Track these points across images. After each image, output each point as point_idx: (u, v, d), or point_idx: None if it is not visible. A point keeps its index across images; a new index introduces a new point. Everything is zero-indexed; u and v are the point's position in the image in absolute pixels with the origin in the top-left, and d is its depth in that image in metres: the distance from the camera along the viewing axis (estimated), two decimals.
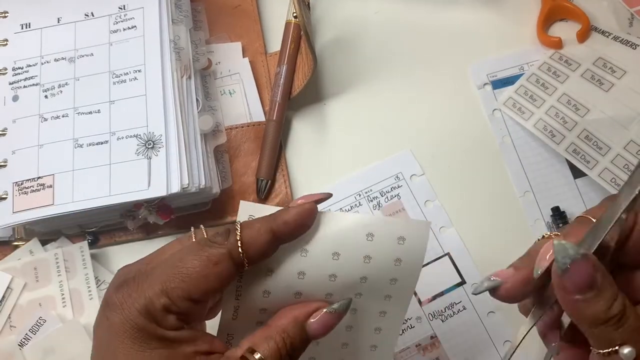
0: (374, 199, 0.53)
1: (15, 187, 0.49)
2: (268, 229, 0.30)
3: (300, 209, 0.31)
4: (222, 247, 0.30)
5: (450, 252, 0.52)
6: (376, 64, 0.59)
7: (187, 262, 0.29)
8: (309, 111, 0.57)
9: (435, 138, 0.55)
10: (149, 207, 0.49)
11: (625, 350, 0.27)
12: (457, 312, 0.50)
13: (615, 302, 0.28)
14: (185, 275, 0.29)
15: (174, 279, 0.29)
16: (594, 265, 0.28)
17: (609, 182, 0.50)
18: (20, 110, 0.51)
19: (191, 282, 0.29)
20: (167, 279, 0.29)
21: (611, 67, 0.53)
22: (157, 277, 0.29)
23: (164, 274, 0.29)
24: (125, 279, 0.30)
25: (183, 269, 0.29)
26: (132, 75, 0.51)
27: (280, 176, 0.54)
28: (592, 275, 0.28)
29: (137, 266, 0.31)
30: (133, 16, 0.53)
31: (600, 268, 0.29)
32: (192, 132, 0.50)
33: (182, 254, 0.30)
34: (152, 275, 0.30)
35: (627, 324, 0.28)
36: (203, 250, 0.30)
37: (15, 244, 0.51)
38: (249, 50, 0.59)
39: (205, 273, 0.29)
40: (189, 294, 0.29)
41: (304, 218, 0.31)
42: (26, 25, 0.54)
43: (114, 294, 0.30)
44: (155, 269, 0.30)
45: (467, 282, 0.51)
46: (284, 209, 0.31)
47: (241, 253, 0.30)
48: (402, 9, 0.61)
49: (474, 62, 0.58)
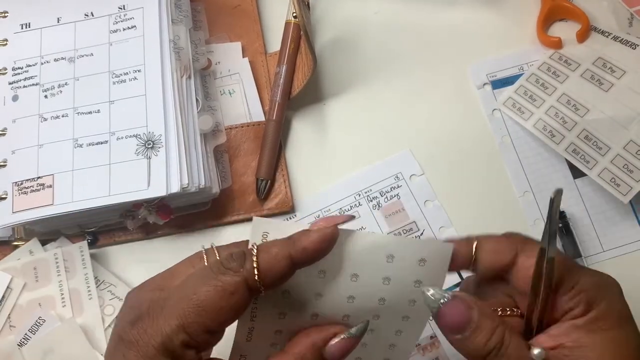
0: (374, 199, 0.53)
1: (15, 187, 0.49)
2: (287, 254, 0.28)
3: (322, 234, 0.29)
4: (237, 275, 0.28)
5: None
6: (376, 64, 0.59)
7: (201, 294, 0.28)
8: (308, 111, 0.57)
9: (435, 138, 0.55)
10: (149, 207, 0.49)
11: None
12: None
13: (493, 336, 0.29)
14: (201, 309, 0.28)
15: (190, 313, 0.28)
16: (467, 304, 0.29)
17: (608, 182, 0.50)
18: (20, 110, 0.51)
19: (207, 316, 0.28)
20: (183, 313, 0.28)
21: (611, 67, 0.54)
22: (173, 311, 0.28)
23: (179, 307, 0.28)
24: (140, 313, 0.29)
25: (198, 302, 0.28)
26: (131, 75, 0.51)
27: (280, 176, 0.54)
28: (465, 315, 0.29)
29: (148, 295, 0.30)
30: (133, 16, 0.53)
31: (476, 305, 0.29)
32: (192, 132, 0.50)
33: (196, 284, 0.28)
34: (167, 309, 0.28)
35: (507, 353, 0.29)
36: (218, 278, 0.28)
37: (15, 244, 0.51)
38: (248, 50, 0.59)
39: (222, 305, 0.28)
40: (206, 327, 0.28)
41: (325, 243, 0.29)
42: (26, 25, 0.54)
43: (129, 330, 0.28)
44: (169, 301, 0.29)
45: None
46: (303, 232, 0.29)
47: (257, 281, 0.28)
48: (402, 9, 0.61)
49: (473, 62, 0.58)
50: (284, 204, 0.53)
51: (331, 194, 0.54)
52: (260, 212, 0.53)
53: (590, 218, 0.52)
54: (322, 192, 0.54)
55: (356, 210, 0.53)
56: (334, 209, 0.53)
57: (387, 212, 0.53)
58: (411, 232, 0.52)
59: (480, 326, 0.29)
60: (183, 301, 0.28)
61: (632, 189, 0.49)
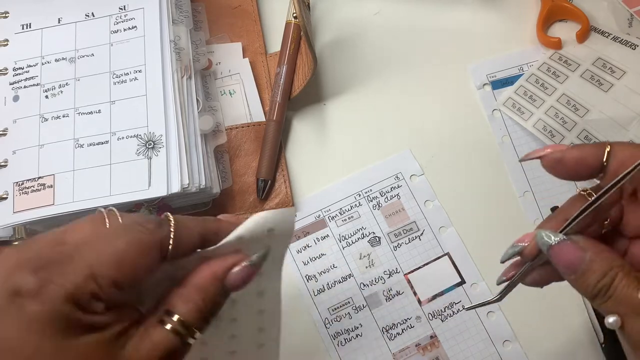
0: (374, 199, 0.53)
1: (15, 187, 0.49)
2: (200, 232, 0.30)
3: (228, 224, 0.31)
4: (154, 235, 0.28)
5: (449, 252, 0.52)
6: (376, 64, 0.59)
7: (118, 247, 0.27)
8: (309, 111, 0.57)
9: (435, 138, 0.56)
10: (149, 207, 0.49)
11: (610, 320, 0.29)
12: (456, 312, 0.50)
13: (604, 278, 0.29)
14: (115, 262, 0.27)
15: (104, 264, 0.26)
16: (577, 247, 0.30)
17: None
18: (20, 111, 0.51)
19: (120, 269, 0.27)
20: (96, 263, 0.26)
21: (611, 68, 0.54)
22: (84, 261, 0.26)
23: (91, 257, 0.27)
24: (42, 263, 0.26)
25: (114, 254, 0.27)
26: (132, 75, 0.51)
27: (280, 176, 0.54)
28: (576, 257, 0.30)
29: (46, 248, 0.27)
30: (133, 16, 0.53)
31: (591, 246, 0.30)
32: (193, 132, 0.50)
33: (111, 238, 0.27)
34: (77, 259, 0.26)
35: (614, 295, 0.29)
36: (135, 235, 0.28)
37: (15, 244, 0.51)
38: (249, 50, 0.59)
39: (136, 261, 0.27)
40: (117, 281, 0.27)
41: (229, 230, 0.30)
42: (27, 25, 0.54)
43: (30, 280, 0.25)
44: (79, 252, 0.27)
45: (466, 281, 0.51)
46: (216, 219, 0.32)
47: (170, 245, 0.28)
48: (402, 10, 0.61)
49: (473, 63, 0.58)
50: (285, 204, 0.53)
51: (331, 194, 0.54)
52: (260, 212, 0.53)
53: None
54: (322, 192, 0.54)
55: (356, 211, 0.53)
56: (334, 209, 0.53)
57: (387, 212, 0.53)
58: (411, 232, 0.52)
59: (592, 268, 0.29)
60: (96, 252, 0.27)
61: None
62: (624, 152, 0.30)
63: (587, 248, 0.30)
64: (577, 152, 0.31)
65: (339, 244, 0.52)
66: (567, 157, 0.31)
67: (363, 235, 0.52)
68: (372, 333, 0.50)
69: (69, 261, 0.26)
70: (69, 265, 0.26)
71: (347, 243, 0.52)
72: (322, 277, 0.51)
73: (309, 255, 0.52)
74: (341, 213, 0.53)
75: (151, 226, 0.28)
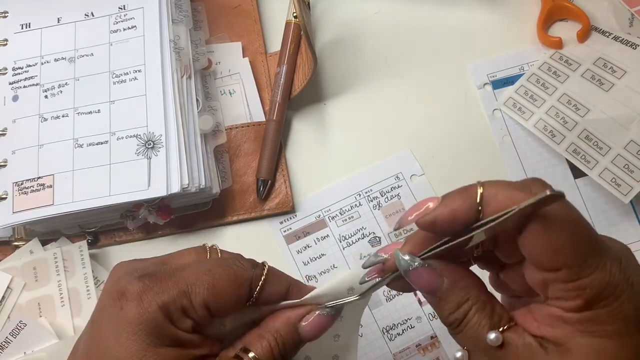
0: (374, 199, 0.53)
1: (15, 187, 0.49)
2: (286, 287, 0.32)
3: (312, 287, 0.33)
4: (248, 272, 0.30)
5: None
6: (376, 64, 0.59)
7: (216, 274, 0.30)
8: (309, 111, 0.57)
9: (436, 138, 0.55)
10: (149, 207, 0.49)
11: (457, 354, 0.29)
12: None
13: (457, 310, 0.28)
14: (211, 285, 0.29)
15: (200, 285, 0.29)
16: (434, 273, 0.29)
17: (609, 182, 0.50)
18: (20, 110, 0.51)
19: (214, 293, 0.29)
20: (193, 282, 0.29)
21: (611, 67, 0.53)
22: (182, 279, 0.29)
23: (190, 277, 0.29)
24: (147, 273, 0.30)
25: (211, 278, 0.29)
26: (132, 75, 0.51)
27: (280, 176, 0.54)
28: (433, 283, 0.29)
29: (151, 265, 0.31)
30: (133, 16, 0.53)
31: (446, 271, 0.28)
32: (192, 132, 0.50)
33: (211, 266, 0.30)
34: (177, 276, 0.30)
35: (464, 331, 0.28)
36: (231, 268, 0.30)
37: (15, 244, 0.51)
38: (249, 50, 0.59)
39: (229, 290, 0.30)
40: (208, 304, 0.29)
41: None
42: (26, 25, 0.54)
43: (135, 284, 0.29)
44: (180, 271, 0.30)
45: None
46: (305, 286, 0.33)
47: (259, 287, 0.30)
48: (402, 9, 0.61)
49: (474, 62, 0.58)
50: (285, 204, 0.53)
51: (331, 194, 0.54)
52: (260, 212, 0.53)
53: (590, 218, 0.52)
54: (322, 192, 0.54)
55: (356, 211, 0.53)
56: (334, 209, 0.53)
57: (388, 212, 0.53)
58: (411, 232, 0.52)
59: (447, 297, 0.28)
60: (194, 274, 0.30)
61: (632, 189, 0.49)
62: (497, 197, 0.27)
63: (445, 274, 0.28)
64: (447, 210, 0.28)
65: (339, 244, 0.52)
66: (438, 219, 0.28)
67: (363, 236, 0.52)
68: (373, 333, 0.50)
69: (170, 277, 0.29)
70: (169, 280, 0.29)
71: (347, 243, 0.52)
72: (323, 277, 0.51)
73: (309, 256, 0.52)
74: (341, 213, 0.53)
75: (247, 264, 0.31)
